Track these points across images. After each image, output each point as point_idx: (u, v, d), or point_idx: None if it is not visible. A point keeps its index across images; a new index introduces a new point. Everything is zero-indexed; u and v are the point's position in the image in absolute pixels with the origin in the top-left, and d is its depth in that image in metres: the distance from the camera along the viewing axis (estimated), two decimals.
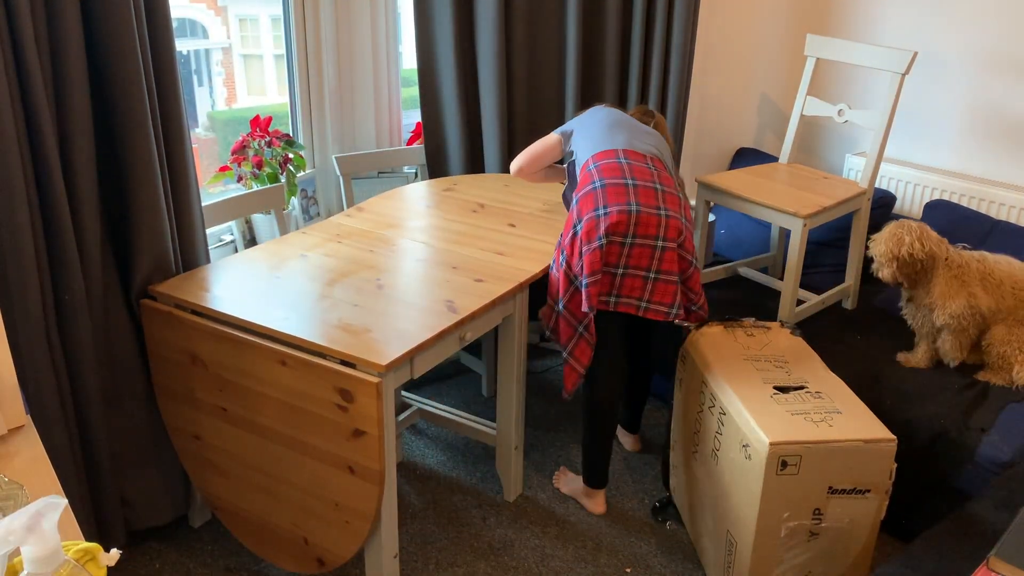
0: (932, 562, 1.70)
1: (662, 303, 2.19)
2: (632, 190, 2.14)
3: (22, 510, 0.86)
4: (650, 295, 2.18)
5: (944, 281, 2.41)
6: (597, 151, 2.26)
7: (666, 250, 2.15)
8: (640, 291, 2.18)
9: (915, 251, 2.37)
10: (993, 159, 3.05)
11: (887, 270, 2.43)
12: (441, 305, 2.04)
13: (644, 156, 2.25)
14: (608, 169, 2.19)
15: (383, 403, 1.80)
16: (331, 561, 2.04)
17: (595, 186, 2.18)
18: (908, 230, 2.41)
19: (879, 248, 2.45)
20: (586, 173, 2.23)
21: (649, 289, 2.18)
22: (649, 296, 2.18)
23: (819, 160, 3.51)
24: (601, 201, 2.14)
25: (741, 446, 1.99)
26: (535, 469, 2.70)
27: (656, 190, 2.17)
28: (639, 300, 2.19)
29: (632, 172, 2.19)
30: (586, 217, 2.15)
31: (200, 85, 3.95)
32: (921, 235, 2.40)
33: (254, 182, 2.72)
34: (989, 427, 2.24)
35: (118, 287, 2.11)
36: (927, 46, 3.08)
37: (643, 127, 2.40)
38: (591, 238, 2.13)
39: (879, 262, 2.45)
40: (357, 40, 2.90)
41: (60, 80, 1.85)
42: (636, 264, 2.16)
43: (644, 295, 2.18)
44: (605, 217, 2.11)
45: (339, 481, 1.92)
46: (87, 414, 2.05)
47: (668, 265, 2.16)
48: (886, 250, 2.42)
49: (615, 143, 2.27)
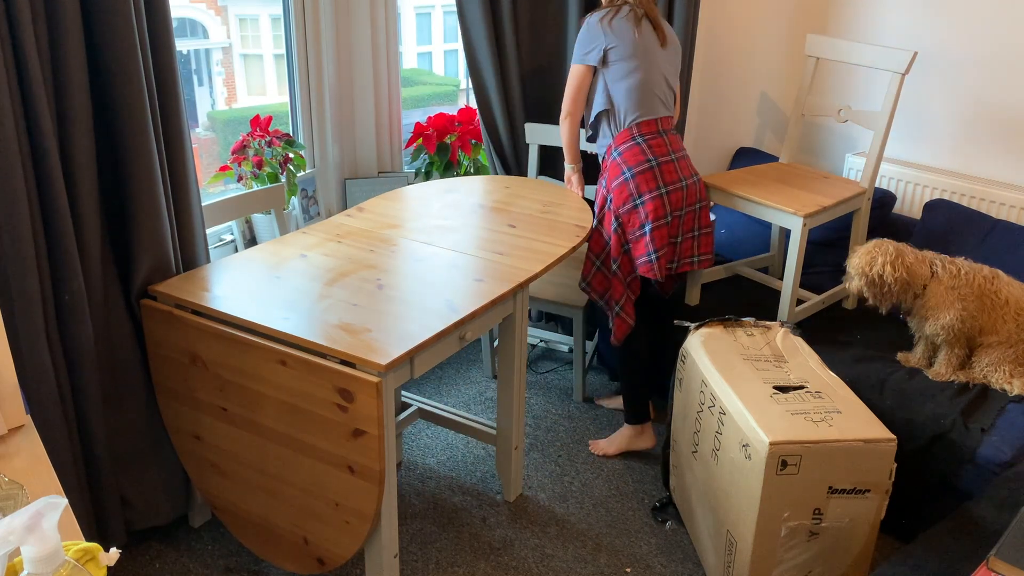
0: (932, 562, 1.70)
1: (706, 253, 2.65)
2: (677, 166, 2.52)
3: (22, 510, 0.86)
4: (698, 249, 2.63)
5: (936, 295, 2.40)
6: (640, 118, 2.50)
7: (702, 209, 2.60)
8: (691, 250, 2.62)
9: (885, 274, 2.38)
10: (993, 159, 3.05)
11: (855, 283, 2.46)
12: (441, 305, 2.04)
13: (671, 120, 2.57)
14: (656, 145, 2.51)
15: (383, 403, 1.80)
16: (331, 561, 2.04)
17: (651, 164, 2.48)
18: (884, 251, 2.41)
19: (853, 260, 2.48)
20: (634, 143, 2.49)
21: (697, 245, 2.63)
22: (698, 250, 2.63)
23: (819, 160, 3.51)
24: (660, 180, 2.49)
25: (741, 446, 1.99)
26: (535, 469, 2.70)
27: (685, 158, 2.56)
28: (691, 257, 2.63)
29: (671, 144, 2.54)
30: (648, 196, 2.48)
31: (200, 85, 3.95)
32: (894, 259, 2.39)
33: (254, 182, 2.72)
34: (989, 427, 2.24)
35: (118, 287, 2.11)
36: (927, 46, 3.08)
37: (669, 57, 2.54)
38: (659, 215, 2.48)
39: (848, 274, 2.49)
40: (357, 40, 2.90)
41: (60, 80, 1.85)
42: (688, 229, 2.59)
43: (695, 252, 2.63)
44: (668, 196, 2.49)
45: (339, 481, 1.92)
46: (87, 414, 2.05)
47: (705, 220, 2.61)
48: (857, 264, 2.45)
49: (654, 108, 2.51)
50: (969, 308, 2.37)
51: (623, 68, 2.46)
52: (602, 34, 2.46)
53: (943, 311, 2.38)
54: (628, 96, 2.48)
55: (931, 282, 2.40)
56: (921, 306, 2.43)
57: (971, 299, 2.37)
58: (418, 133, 3.15)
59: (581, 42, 2.50)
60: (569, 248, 2.36)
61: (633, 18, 2.47)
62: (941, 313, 2.38)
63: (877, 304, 2.46)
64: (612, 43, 2.45)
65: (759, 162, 3.38)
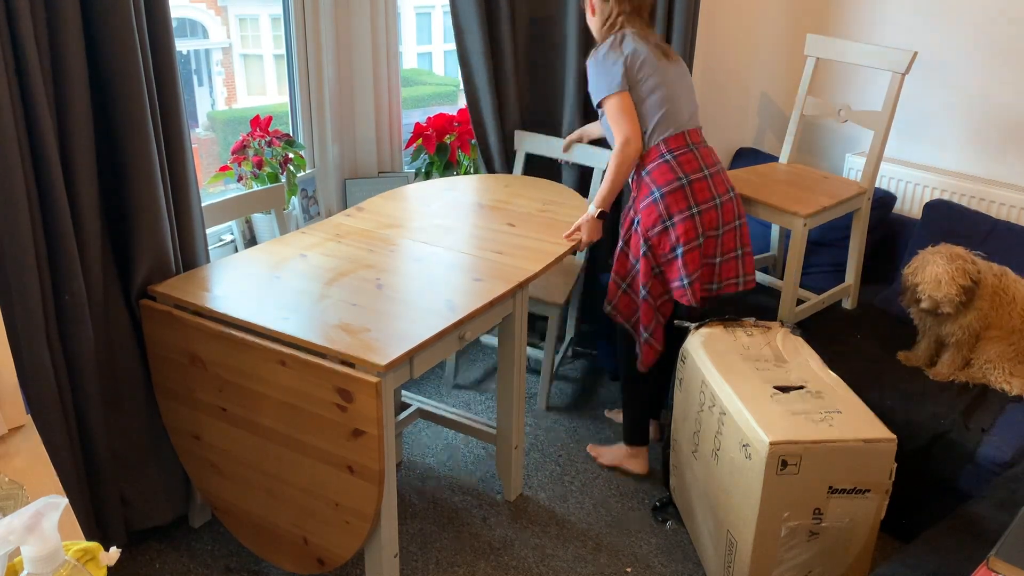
0: (932, 562, 1.70)
1: (750, 273, 2.50)
2: (711, 183, 2.38)
3: (22, 510, 0.86)
4: (743, 269, 2.48)
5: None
6: (667, 133, 2.37)
7: (741, 226, 2.46)
8: (735, 271, 2.47)
9: (971, 272, 2.33)
10: (993, 159, 3.05)
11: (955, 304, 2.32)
12: (440, 305, 2.04)
13: (699, 132, 2.44)
14: (687, 161, 2.36)
15: (383, 403, 1.80)
16: (331, 561, 2.04)
17: (682, 182, 2.35)
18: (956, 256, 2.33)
19: (945, 289, 2.31)
20: (663, 161, 2.36)
21: (742, 265, 2.48)
22: (743, 270, 2.48)
23: (819, 160, 3.51)
24: (692, 199, 2.35)
25: (741, 446, 1.99)
26: (535, 469, 2.70)
27: (720, 172, 2.42)
28: (736, 278, 2.48)
29: (703, 158, 2.39)
30: (679, 217, 2.34)
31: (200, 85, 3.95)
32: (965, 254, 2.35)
33: (254, 182, 2.72)
34: (989, 427, 2.24)
35: (118, 287, 2.11)
36: (927, 46, 3.07)
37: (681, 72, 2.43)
38: (690, 237, 2.34)
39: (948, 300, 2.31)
40: (357, 40, 2.90)
41: (60, 80, 1.85)
42: (729, 248, 2.44)
43: (740, 272, 2.48)
44: (700, 216, 2.35)
45: (339, 481, 1.92)
46: (87, 414, 2.05)
47: (746, 239, 2.47)
48: (956, 287, 2.30)
49: (680, 121, 2.38)
50: (984, 308, 2.37)
51: (648, 84, 2.34)
52: (618, 58, 2.33)
53: (966, 310, 2.37)
54: (653, 111, 2.36)
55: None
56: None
57: (986, 298, 2.37)
58: (418, 133, 3.14)
59: (600, 76, 2.35)
60: (568, 247, 2.36)
61: (640, 38, 2.36)
62: (963, 312, 2.37)
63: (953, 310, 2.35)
64: (631, 62, 2.33)
65: (759, 162, 3.38)
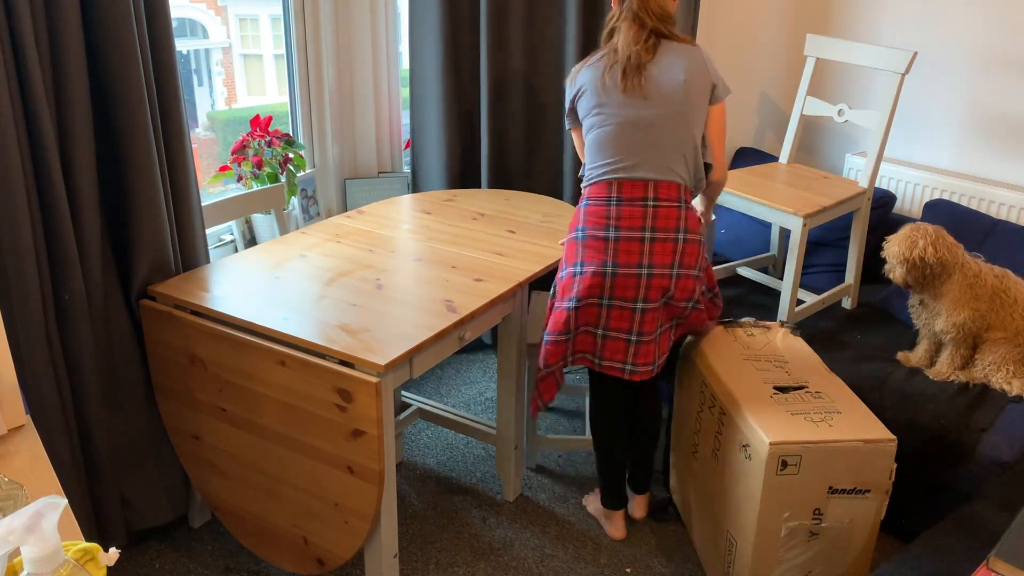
0: (932, 562, 1.70)
1: (646, 364, 2.10)
2: (610, 246, 2.02)
3: (22, 510, 0.86)
4: (634, 357, 2.09)
5: (958, 289, 2.38)
6: (592, 178, 2.07)
7: (647, 310, 2.05)
8: (623, 354, 2.10)
9: (927, 255, 2.35)
10: (993, 159, 3.05)
11: (898, 271, 2.41)
12: (440, 305, 2.04)
13: (645, 185, 2.01)
14: (594, 214, 2.04)
15: (382, 403, 1.80)
16: (331, 561, 2.04)
17: (577, 236, 2.08)
18: (923, 234, 2.38)
19: (892, 249, 2.43)
20: (578, 207, 2.10)
21: (632, 352, 2.09)
22: (633, 358, 2.10)
23: (819, 160, 3.51)
24: (580, 256, 2.06)
25: (741, 446, 1.99)
26: (535, 469, 2.70)
27: (642, 241, 2.01)
28: (623, 363, 2.11)
29: (619, 218, 2.01)
30: (566, 271, 2.09)
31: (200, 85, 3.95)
32: (935, 240, 2.37)
33: (254, 182, 2.72)
34: (989, 427, 2.24)
35: (118, 287, 2.11)
36: (927, 46, 3.07)
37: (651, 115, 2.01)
38: (564, 295, 2.09)
39: (891, 263, 2.44)
40: (357, 40, 2.90)
41: (60, 80, 1.85)
42: (620, 327, 2.08)
43: (628, 357, 2.10)
44: (580, 277, 2.05)
45: (338, 481, 1.92)
46: (87, 414, 2.05)
47: (649, 326, 2.06)
48: (898, 252, 2.40)
49: (614, 168, 2.02)
50: (981, 308, 2.37)
51: (587, 123, 2.07)
52: (569, 87, 2.12)
53: (959, 309, 2.37)
54: (588, 153, 2.09)
55: (957, 273, 2.39)
56: (939, 297, 2.41)
57: (984, 299, 2.37)
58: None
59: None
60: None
61: (605, 62, 2.04)
62: (956, 311, 2.37)
63: (921, 291, 2.42)
64: (575, 93, 2.10)
65: (759, 162, 3.38)
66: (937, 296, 2.41)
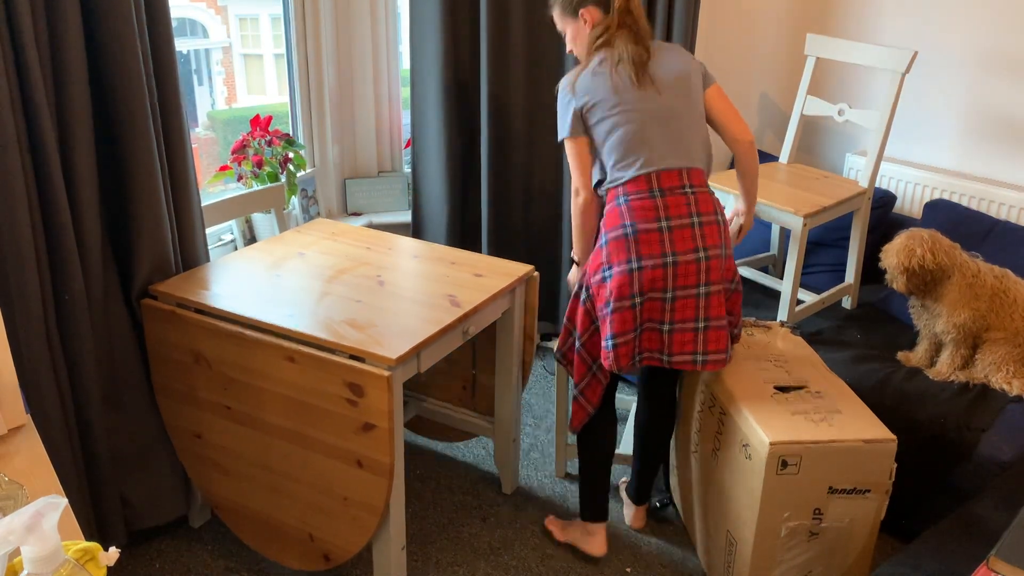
0: (932, 562, 1.70)
1: (718, 351, 2.05)
2: (666, 236, 1.99)
3: (22, 510, 0.86)
4: (704, 345, 2.04)
5: (958, 289, 2.37)
6: (626, 175, 2.02)
7: (710, 294, 2.02)
8: (692, 344, 2.04)
9: (926, 262, 2.35)
10: (993, 159, 3.05)
11: (900, 282, 2.40)
12: (443, 300, 2.05)
13: (680, 174, 2.03)
14: (640, 208, 2.00)
15: (393, 396, 1.81)
16: (338, 556, 2.04)
17: (626, 232, 2.00)
18: (919, 241, 2.37)
19: (890, 260, 2.41)
20: (614, 206, 2.04)
21: (702, 340, 2.04)
22: (702, 346, 2.04)
23: (819, 160, 3.51)
24: (634, 252, 1.99)
25: (741, 446, 1.99)
26: (535, 469, 2.70)
27: (693, 226, 2.01)
28: (692, 354, 2.05)
29: (667, 208, 2.00)
30: (617, 269, 2.00)
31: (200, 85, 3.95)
32: (932, 245, 2.36)
33: (254, 181, 2.72)
34: (989, 427, 2.24)
35: (118, 287, 2.11)
36: (927, 46, 3.07)
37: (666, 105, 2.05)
38: (623, 294, 1.99)
39: (891, 274, 2.43)
40: (357, 40, 2.90)
41: (60, 80, 1.85)
42: (685, 318, 2.03)
43: (698, 347, 2.04)
44: (639, 273, 1.99)
45: (347, 475, 1.92)
46: (87, 414, 2.05)
47: (716, 310, 2.03)
48: (897, 262, 2.39)
49: (646, 161, 2.01)
50: (981, 308, 2.37)
51: (604, 127, 2.04)
52: (572, 97, 2.06)
53: (959, 309, 2.37)
54: (611, 152, 2.04)
55: (956, 274, 2.39)
56: (939, 299, 2.41)
57: (984, 299, 2.37)
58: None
59: (559, 113, 2.10)
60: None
61: (609, 65, 2.04)
62: (957, 311, 2.37)
63: (923, 296, 2.41)
64: (584, 103, 2.04)
65: (759, 162, 3.38)
66: (937, 298, 2.41)
